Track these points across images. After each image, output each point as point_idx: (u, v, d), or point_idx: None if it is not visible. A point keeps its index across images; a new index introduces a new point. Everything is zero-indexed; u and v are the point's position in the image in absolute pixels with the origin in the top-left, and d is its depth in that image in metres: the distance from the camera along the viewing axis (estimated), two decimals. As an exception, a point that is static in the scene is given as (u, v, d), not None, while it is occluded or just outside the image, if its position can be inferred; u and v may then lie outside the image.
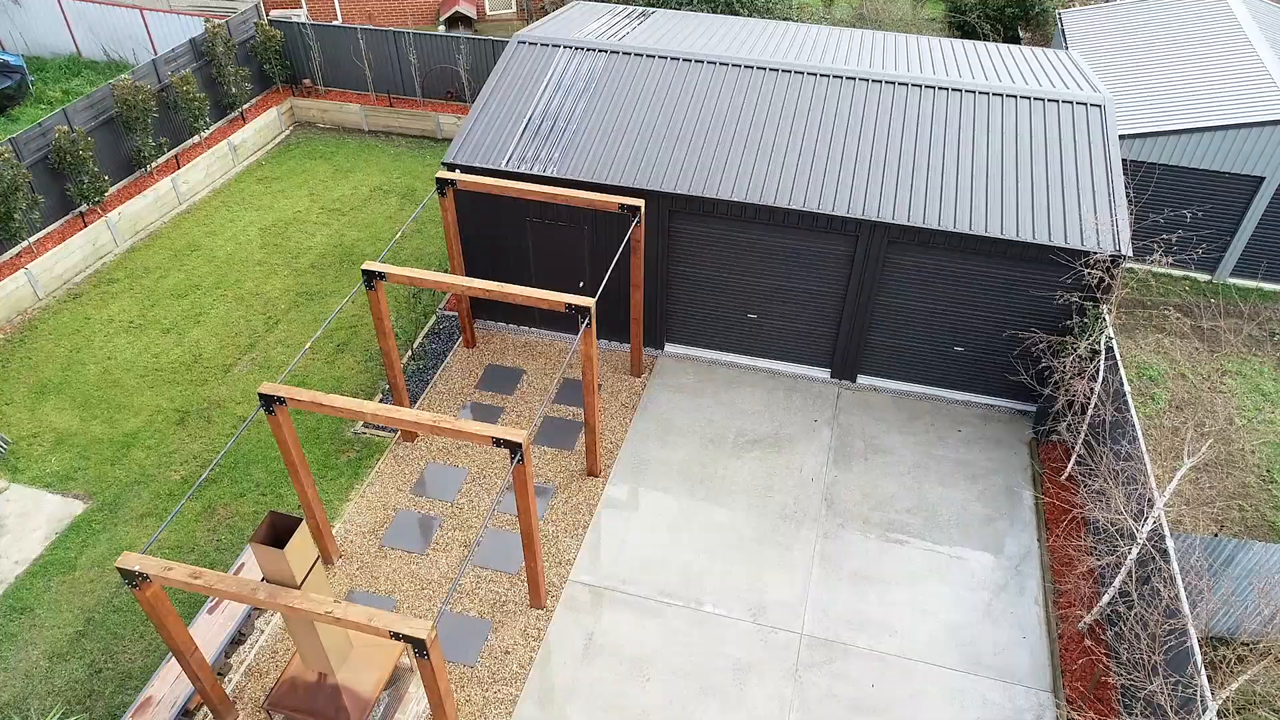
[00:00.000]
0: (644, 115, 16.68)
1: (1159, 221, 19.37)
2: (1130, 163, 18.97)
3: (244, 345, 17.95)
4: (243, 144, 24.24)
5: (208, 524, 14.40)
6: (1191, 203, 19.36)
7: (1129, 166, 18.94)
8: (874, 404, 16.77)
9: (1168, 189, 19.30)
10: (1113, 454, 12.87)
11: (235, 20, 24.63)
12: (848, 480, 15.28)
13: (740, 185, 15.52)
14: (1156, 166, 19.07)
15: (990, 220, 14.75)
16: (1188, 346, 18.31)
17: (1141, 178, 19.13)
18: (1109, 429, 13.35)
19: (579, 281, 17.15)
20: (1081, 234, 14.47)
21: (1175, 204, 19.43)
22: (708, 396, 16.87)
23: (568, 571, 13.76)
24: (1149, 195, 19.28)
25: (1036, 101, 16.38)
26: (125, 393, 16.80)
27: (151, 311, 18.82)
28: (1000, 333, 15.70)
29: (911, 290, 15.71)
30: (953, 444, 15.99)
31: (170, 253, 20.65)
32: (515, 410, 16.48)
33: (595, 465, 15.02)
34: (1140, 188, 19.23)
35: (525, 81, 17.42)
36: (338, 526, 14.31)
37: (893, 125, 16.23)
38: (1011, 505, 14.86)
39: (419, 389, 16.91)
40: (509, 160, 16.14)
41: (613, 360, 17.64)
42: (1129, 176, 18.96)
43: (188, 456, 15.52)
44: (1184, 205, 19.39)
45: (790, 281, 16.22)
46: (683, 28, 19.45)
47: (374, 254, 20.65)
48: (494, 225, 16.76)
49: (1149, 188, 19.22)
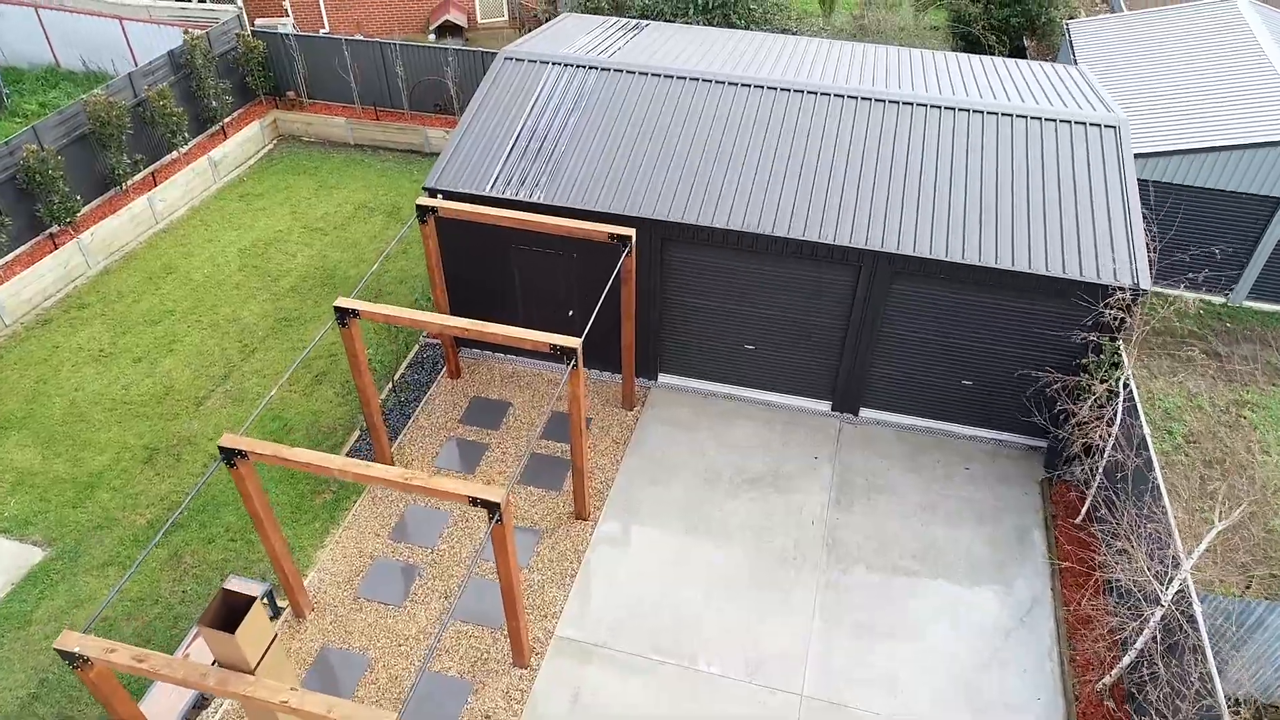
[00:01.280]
0: (636, 136, 15.89)
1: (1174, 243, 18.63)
2: (1142, 183, 18.20)
3: (218, 376, 17.15)
4: (223, 159, 23.44)
5: (173, 573, 13.60)
6: (1206, 224, 18.59)
7: (1141, 187, 18.18)
8: (877, 439, 15.99)
9: (1181, 210, 18.53)
10: (1134, 509, 12.08)
11: (216, 31, 23.84)
12: (850, 522, 14.50)
13: (737, 212, 14.74)
14: (1170, 187, 18.30)
15: (1000, 251, 13.97)
16: (1204, 373, 17.54)
17: (1154, 198, 18.35)
18: (1131, 483, 12.54)
19: (568, 310, 16.37)
20: (1098, 267, 13.69)
21: (1189, 225, 18.67)
22: (703, 431, 16.09)
23: (554, 625, 12.98)
24: (1161, 216, 18.51)
25: (1048, 123, 15.60)
26: (91, 428, 16.00)
27: (123, 339, 18.03)
28: (1011, 366, 14.93)
29: (917, 322, 14.93)
30: (960, 482, 15.22)
31: (145, 275, 19.86)
32: (501, 446, 15.69)
33: (584, 508, 14.24)
34: (1152, 208, 18.45)
35: (512, 100, 16.63)
36: (310, 576, 13.52)
37: (897, 147, 15.45)
38: (1023, 549, 14.08)
39: (401, 423, 16.12)
40: (494, 184, 15.35)
41: (604, 392, 16.85)
42: (1143, 198, 18.19)
43: (154, 498, 14.73)
44: (1198, 226, 18.62)
45: (789, 312, 15.44)
46: (677, 42, 18.66)
47: (356, 276, 19.86)
48: (478, 251, 15.98)
49: (1161, 209, 18.45)
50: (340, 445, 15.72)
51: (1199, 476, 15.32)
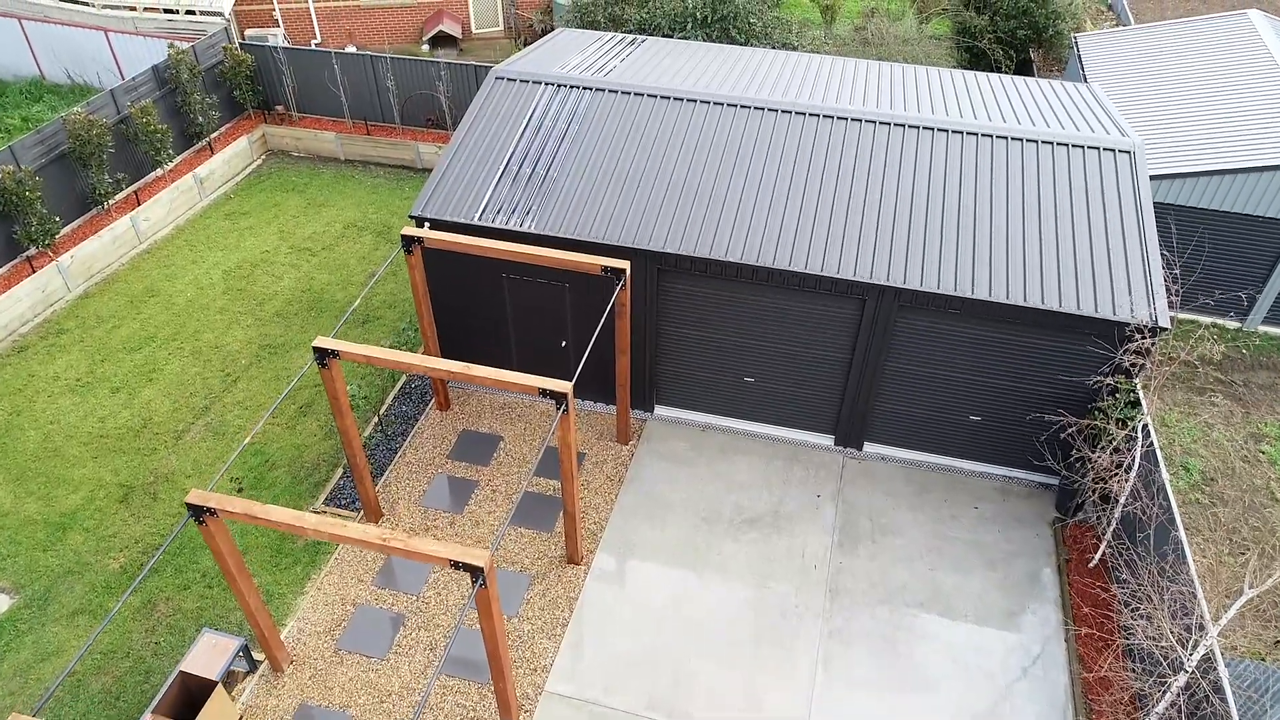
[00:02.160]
0: (631, 160, 15.29)
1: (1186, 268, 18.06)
2: (1155, 206, 17.61)
3: (199, 407, 16.54)
4: (209, 176, 22.83)
5: (146, 622, 13.00)
6: (1219, 248, 17.99)
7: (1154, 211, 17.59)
8: (882, 476, 15.39)
9: (1194, 233, 17.94)
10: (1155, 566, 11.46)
11: (203, 44, 23.23)
12: (854, 566, 13.90)
13: (736, 243, 14.13)
14: (1182, 210, 17.69)
15: (1012, 285, 13.36)
16: (1219, 404, 16.93)
17: (1167, 223, 17.75)
18: (1153, 541, 11.90)
19: (561, 340, 15.77)
20: (1113, 303, 13.08)
21: (1200, 249, 18.08)
22: (701, 466, 15.48)
23: (544, 679, 12.37)
24: (1173, 242, 17.92)
25: (1059, 147, 15.00)
26: (66, 464, 15.40)
27: (101, 367, 17.42)
28: (1021, 403, 14.32)
29: (924, 356, 14.33)
30: (968, 523, 14.61)
31: (126, 299, 19.25)
32: (491, 484, 15.08)
33: (576, 552, 13.63)
34: (1165, 232, 17.86)
35: (503, 122, 16.02)
36: (289, 626, 12.91)
37: (903, 173, 14.85)
38: (1035, 598, 13.47)
39: (387, 458, 15.51)
40: (483, 212, 14.74)
41: (598, 424, 16.25)
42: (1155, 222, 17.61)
43: (129, 541, 14.12)
44: (1211, 251, 18.02)
45: (791, 344, 14.84)
46: (674, 59, 18.05)
47: (344, 299, 19.25)
48: (468, 281, 15.37)
49: (1173, 233, 17.86)
50: (323, 483, 15.12)
51: (1215, 516, 14.72)
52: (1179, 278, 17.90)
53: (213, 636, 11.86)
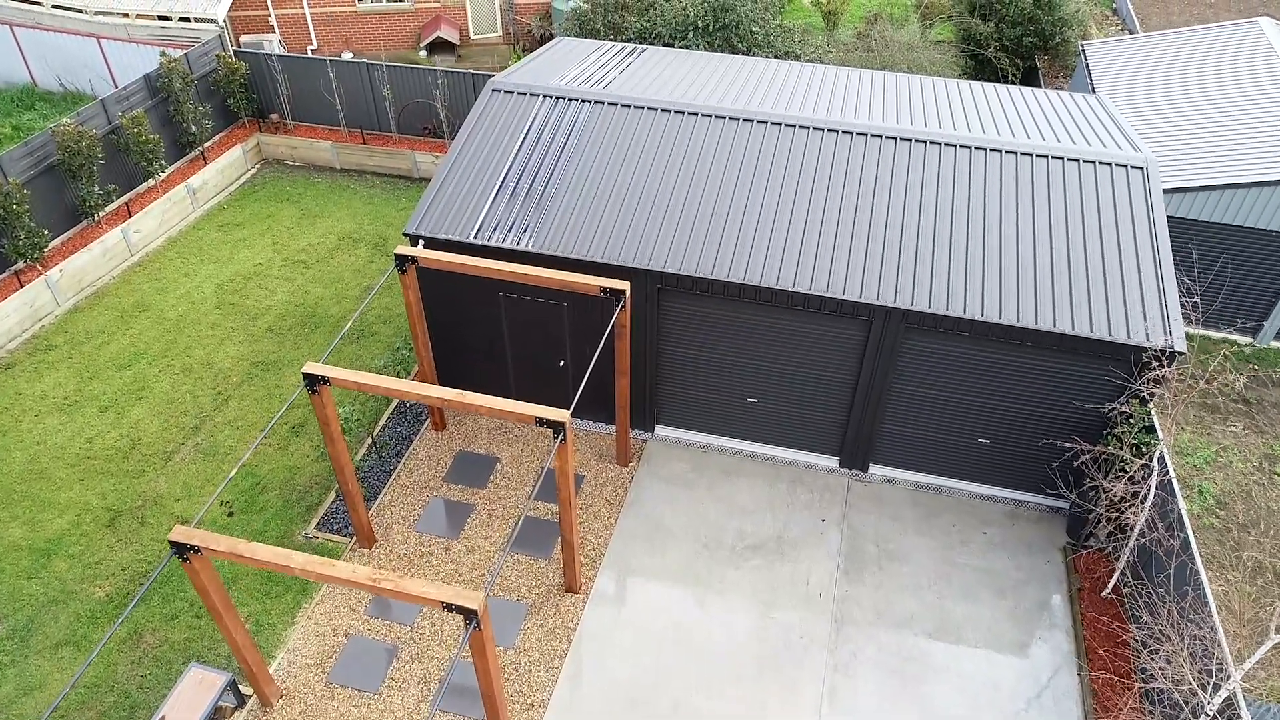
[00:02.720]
0: (631, 175, 14.92)
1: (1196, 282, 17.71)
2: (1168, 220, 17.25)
3: (189, 427, 16.17)
4: (203, 186, 22.46)
5: (132, 654, 12.63)
6: (1230, 262, 17.63)
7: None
8: (888, 499, 15.02)
9: (1205, 247, 17.58)
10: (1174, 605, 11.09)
11: (195, 52, 22.86)
12: (859, 595, 13.53)
13: (738, 262, 13.76)
14: (1193, 223, 17.33)
15: (1023, 306, 12.99)
16: (1232, 423, 16.56)
17: (1178, 237, 17.39)
18: (1172, 582, 11.51)
19: (560, 359, 15.40)
20: (1127, 325, 12.71)
21: (1211, 264, 17.72)
22: (702, 489, 15.11)
23: (541, 715, 12.00)
24: (1183, 254, 17.57)
25: (1070, 163, 14.63)
26: (52, 486, 15.03)
27: (90, 385, 17.06)
28: (1032, 426, 13.95)
29: (932, 378, 13.95)
30: (977, 549, 14.25)
31: (116, 314, 18.88)
32: (488, 508, 14.72)
33: (574, 581, 13.27)
34: (1177, 248, 17.50)
35: (500, 135, 15.65)
36: (279, 659, 12.54)
37: (910, 189, 14.48)
38: (1047, 628, 13.10)
39: (381, 481, 15.15)
40: (478, 230, 14.37)
41: (598, 445, 15.88)
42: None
43: (115, 568, 13.76)
44: (1222, 265, 17.66)
45: (795, 365, 14.47)
46: (675, 70, 17.68)
47: (338, 314, 18.88)
48: (463, 299, 15.00)
49: (1185, 247, 17.50)
50: (316, 506, 14.75)
51: (1230, 541, 14.36)
52: (1193, 293, 17.55)
53: (200, 671, 11.49)
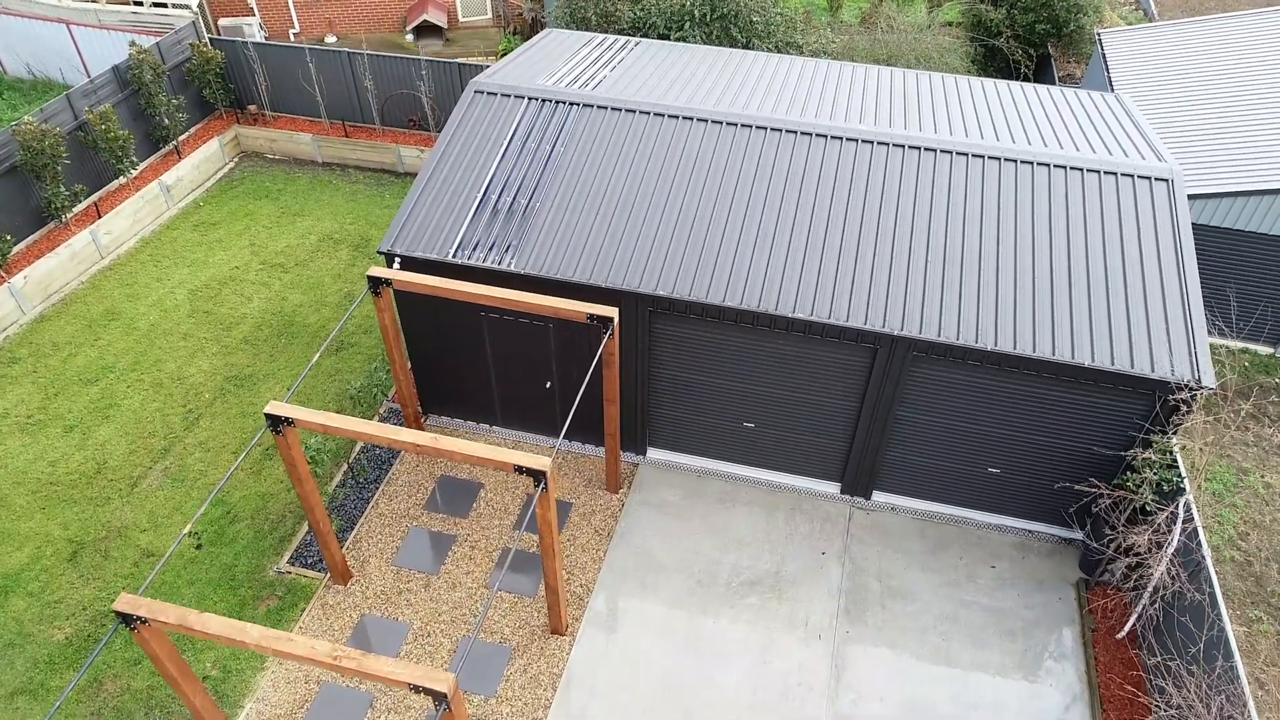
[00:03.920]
0: (620, 188, 13.99)
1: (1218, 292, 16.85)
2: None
3: (157, 450, 15.39)
4: (177, 183, 21.49)
5: (91, 703, 11.94)
6: (1256, 271, 16.75)
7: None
8: (892, 529, 14.27)
9: (1225, 254, 16.68)
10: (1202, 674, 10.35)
11: (168, 40, 21.77)
12: (861, 638, 12.81)
13: (735, 284, 12.89)
14: (1217, 231, 16.41)
15: (1039, 336, 12.13)
16: (1255, 442, 15.77)
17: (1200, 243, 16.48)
18: (1202, 652, 10.74)
19: (546, 381, 14.57)
20: (1151, 356, 11.86)
21: (1231, 272, 16.84)
22: (696, 520, 14.35)
23: (523, 772, 11.36)
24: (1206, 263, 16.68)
25: (1091, 174, 13.69)
26: (12, 515, 14.28)
27: (54, 402, 16.25)
28: (1045, 457, 13.16)
29: (939, 406, 13.14)
30: (985, 585, 13.52)
31: (84, 322, 18.02)
32: (470, 539, 13.97)
33: (559, 623, 12.55)
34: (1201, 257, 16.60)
35: (481, 142, 14.70)
36: (247, 708, 11.85)
37: (919, 202, 13.56)
38: (1059, 674, 12.39)
39: (358, 510, 14.39)
40: (457, 248, 13.48)
41: (587, 469, 15.11)
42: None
43: (76, 607, 13.04)
44: (1247, 273, 16.79)
45: (794, 390, 13.65)
46: (670, 66, 16.66)
47: (317, 323, 18.02)
48: (443, 320, 14.14)
49: (1207, 255, 16.61)
50: (289, 538, 14.01)
51: (1255, 577, 13.63)
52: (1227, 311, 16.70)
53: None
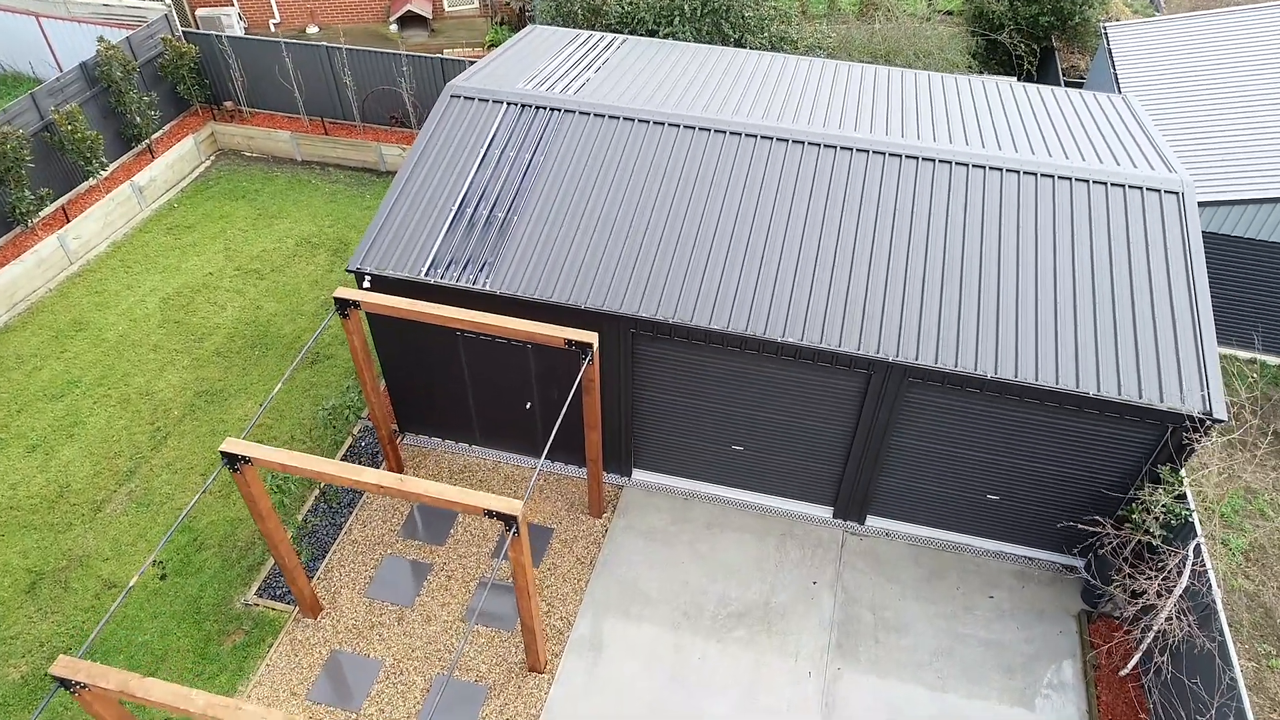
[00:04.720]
0: (603, 200, 13.31)
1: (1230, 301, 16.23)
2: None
3: (123, 471, 14.79)
4: (150, 184, 20.76)
5: (48, 749, 11.43)
6: (1267, 280, 16.12)
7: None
8: (886, 556, 13.71)
9: (1238, 263, 16.04)
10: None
11: (140, 35, 20.97)
12: (853, 675, 12.27)
13: (722, 306, 12.24)
14: (1227, 239, 15.77)
15: (1042, 362, 11.50)
16: (1264, 461, 15.19)
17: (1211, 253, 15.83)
18: (1214, 704, 10.19)
19: (526, 402, 13.96)
20: (1160, 386, 11.23)
21: (1242, 280, 16.21)
22: (683, 546, 13.78)
23: (498, 823, 10.85)
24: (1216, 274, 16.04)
25: (1097, 186, 13.03)
26: (-31, 543, 13.72)
27: (17, 420, 15.63)
28: (1047, 486, 12.59)
29: (936, 432, 12.54)
30: (983, 616, 12.97)
31: (51, 333, 17.37)
32: (447, 568, 13.40)
33: (538, 661, 12.01)
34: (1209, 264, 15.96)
35: (457, 151, 14.00)
36: (210, 756, 11.32)
37: (916, 216, 12.89)
38: (1060, 714, 11.87)
39: (330, 537, 13.81)
40: (430, 266, 12.81)
41: (569, 491, 14.53)
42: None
43: (33, 643, 12.48)
44: (1258, 283, 16.16)
45: (785, 414, 13.04)
46: (657, 66, 15.92)
47: (291, 335, 17.38)
48: (418, 338, 13.50)
49: (1216, 264, 15.97)
50: (258, 566, 13.44)
51: (1263, 609, 13.09)
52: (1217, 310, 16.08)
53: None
